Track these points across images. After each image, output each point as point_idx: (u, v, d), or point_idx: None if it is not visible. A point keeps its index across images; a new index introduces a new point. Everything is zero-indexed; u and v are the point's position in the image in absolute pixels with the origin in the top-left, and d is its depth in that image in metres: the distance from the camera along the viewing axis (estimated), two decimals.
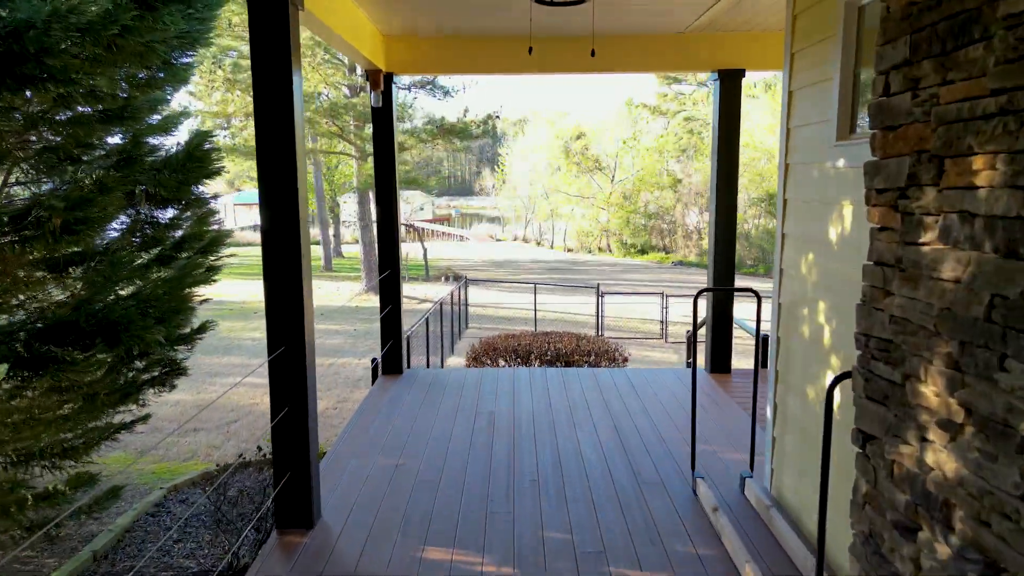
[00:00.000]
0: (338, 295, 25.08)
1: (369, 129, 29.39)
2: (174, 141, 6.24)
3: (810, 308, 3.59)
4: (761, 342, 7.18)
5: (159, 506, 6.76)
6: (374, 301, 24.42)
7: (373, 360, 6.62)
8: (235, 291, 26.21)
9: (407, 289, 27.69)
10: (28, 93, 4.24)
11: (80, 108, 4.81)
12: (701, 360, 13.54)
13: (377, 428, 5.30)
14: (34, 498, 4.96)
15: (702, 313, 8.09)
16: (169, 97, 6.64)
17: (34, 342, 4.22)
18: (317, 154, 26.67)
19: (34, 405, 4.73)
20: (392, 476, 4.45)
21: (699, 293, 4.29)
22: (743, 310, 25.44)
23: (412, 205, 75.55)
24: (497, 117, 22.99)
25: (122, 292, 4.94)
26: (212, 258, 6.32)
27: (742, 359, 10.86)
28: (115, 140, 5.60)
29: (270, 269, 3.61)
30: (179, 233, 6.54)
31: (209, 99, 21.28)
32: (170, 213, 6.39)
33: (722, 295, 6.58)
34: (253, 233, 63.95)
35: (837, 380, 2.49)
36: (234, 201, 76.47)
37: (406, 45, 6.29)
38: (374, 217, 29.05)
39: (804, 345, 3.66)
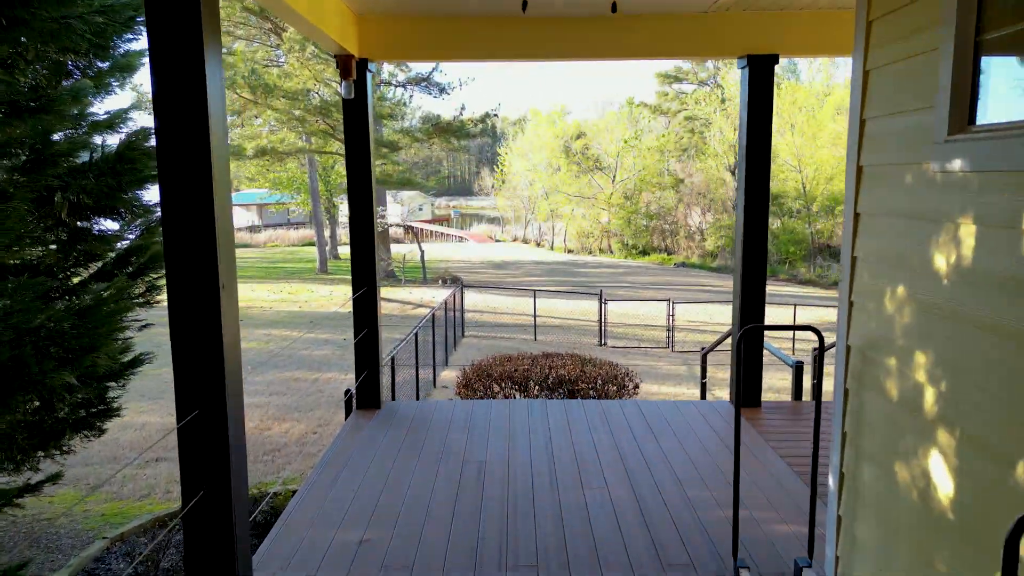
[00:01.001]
0: (330, 300, 24.18)
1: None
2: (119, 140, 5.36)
3: (900, 358, 2.70)
4: (796, 371, 6.30)
5: (99, 561, 5.85)
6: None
7: (347, 392, 5.71)
8: None
9: (403, 293, 26.79)
10: None
11: None
12: (721, 390, 12.70)
13: (342, 486, 4.40)
14: None
15: (727, 341, 7.19)
16: (117, 89, 5.74)
17: None
18: (309, 153, 25.77)
19: None
20: (353, 559, 3.55)
21: (743, 333, 3.37)
22: (772, 315, 24.53)
23: (410, 205, 74.89)
24: (495, 115, 22.11)
25: (26, 325, 4.04)
26: (155, 275, 5.41)
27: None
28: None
29: (176, 305, 2.72)
30: (123, 245, 5.64)
31: None
32: (112, 225, 5.50)
33: (751, 306, 5.68)
34: (249, 234, 63.15)
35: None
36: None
37: (383, 26, 5.39)
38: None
39: (889, 405, 2.77)
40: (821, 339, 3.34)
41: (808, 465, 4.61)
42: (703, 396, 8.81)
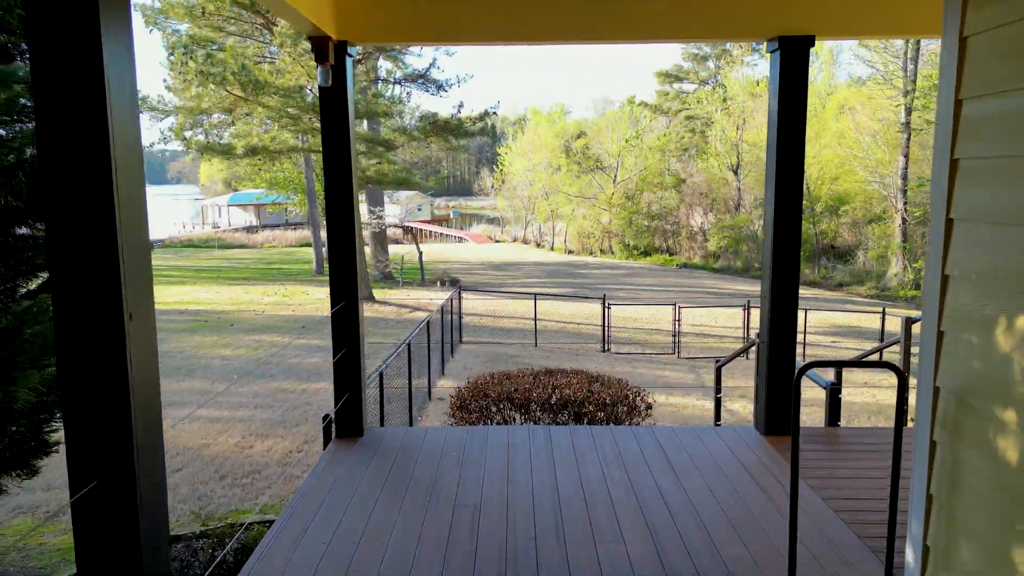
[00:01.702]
0: (325, 303, 23.51)
1: (363, 127, 27.85)
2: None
3: (1020, 411, 2.06)
4: (831, 394, 5.64)
5: None
6: (362, 310, 22.86)
7: (325, 417, 5.07)
8: (220, 297, 24.68)
9: (400, 295, 26.15)
10: None
11: None
12: (733, 402, 12.05)
13: (312, 538, 3.74)
14: None
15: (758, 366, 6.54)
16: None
17: None
18: (302, 152, 25.09)
19: None
20: None
21: (803, 371, 2.70)
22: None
23: (409, 206, 74.28)
24: (494, 113, 21.46)
25: None
26: None
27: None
28: None
29: (66, 342, 2.06)
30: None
31: (185, 93, 19.76)
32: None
33: (782, 317, 5.02)
34: (246, 235, 62.50)
35: None
36: (229, 201, 75.27)
37: (364, 4, 4.75)
38: (364, 219, 27.43)
39: (1003, 470, 2.13)
40: (903, 382, 2.67)
41: (857, 510, 3.97)
42: (717, 413, 8.17)
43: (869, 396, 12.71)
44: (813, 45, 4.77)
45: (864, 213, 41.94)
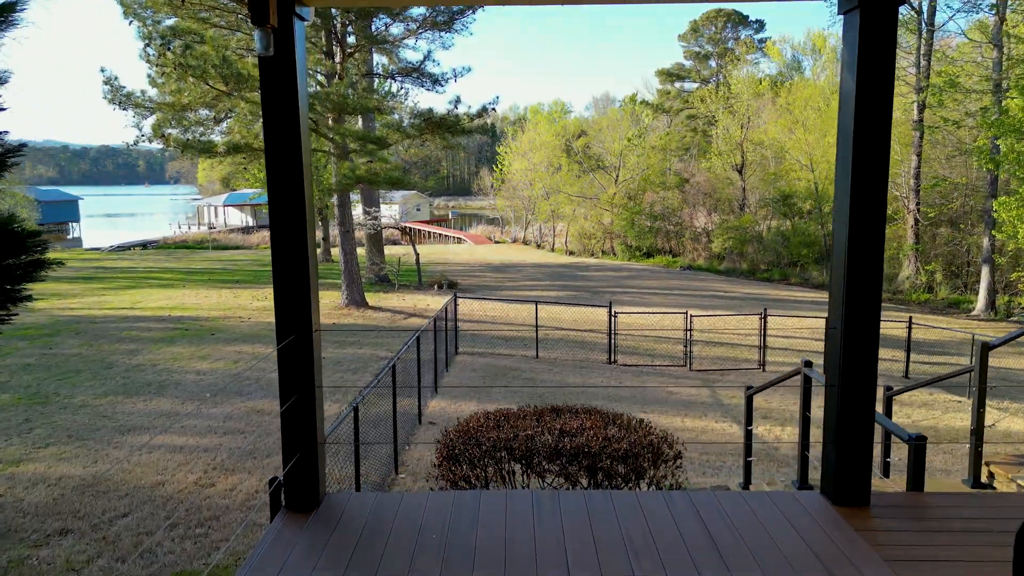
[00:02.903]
0: None
1: (358, 124, 26.75)
2: None
3: None
4: (915, 451, 4.53)
5: None
6: (354, 316, 21.75)
7: (272, 481, 3.96)
8: (207, 302, 23.55)
9: (395, 300, 25.01)
10: None
11: None
12: (761, 429, 10.83)
13: None
14: None
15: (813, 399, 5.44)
16: None
17: None
18: None
19: None
20: None
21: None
22: (796, 324, 22.78)
23: (407, 206, 73.17)
24: (493, 109, 20.32)
25: None
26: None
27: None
28: None
29: None
30: None
31: (165, 88, 18.64)
32: None
33: (859, 347, 3.91)
34: (241, 236, 61.41)
35: None
36: (224, 201, 74.16)
37: None
38: (358, 220, 26.35)
39: None
40: None
41: None
42: (748, 446, 7.07)
43: (919, 416, 11.61)
44: (903, 2, 3.68)
45: None
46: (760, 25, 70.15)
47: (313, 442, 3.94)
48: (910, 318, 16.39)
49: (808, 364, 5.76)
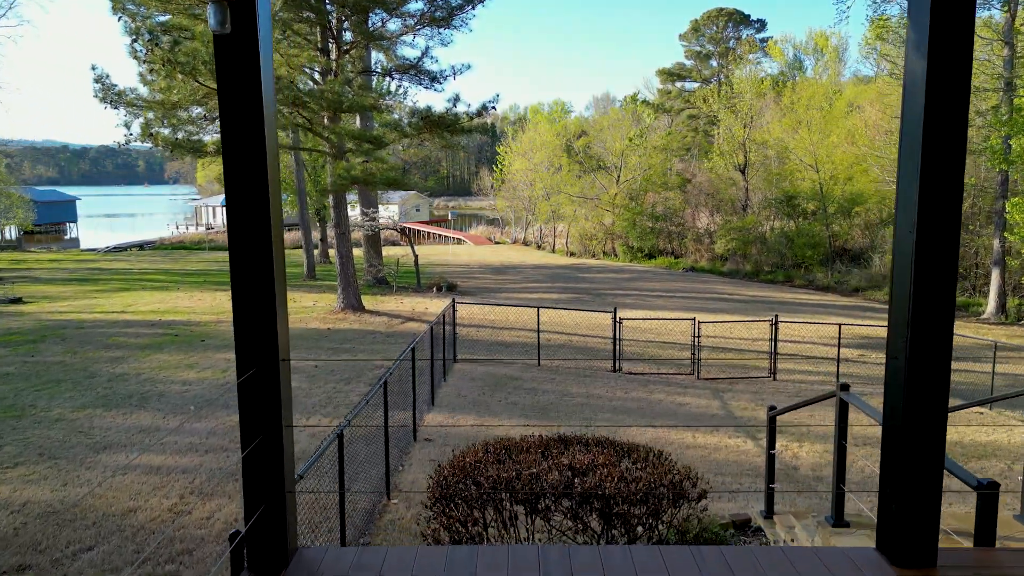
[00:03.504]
0: (311, 313, 21.85)
1: (356, 123, 26.14)
2: None
3: None
4: (985, 500, 3.92)
5: None
6: (350, 320, 21.13)
7: (234, 535, 3.36)
8: (201, 305, 22.96)
9: (393, 303, 24.41)
10: None
11: None
12: (786, 445, 10.15)
13: None
14: None
15: (849, 426, 4.84)
16: None
17: None
18: (283, 150, 23.37)
19: None
20: None
21: None
22: (800, 330, 21.99)
23: (406, 206, 72.59)
24: (493, 108, 19.73)
25: None
26: None
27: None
28: None
29: None
30: None
31: (155, 85, 18.05)
32: None
33: (928, 375, 3.31)
34: None
35: None
36: (222, 202, 73.68)
37: None
38: (356, 222, 25.73)
39: None
40: None
41: None
42: (770, 473, 6.47)
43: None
44: None
45: (878, 214, 40.19)
46: (761, 24, 69.64)
47: (280, 491, 3.34)
48: None
49: (845, 388, 5.17)
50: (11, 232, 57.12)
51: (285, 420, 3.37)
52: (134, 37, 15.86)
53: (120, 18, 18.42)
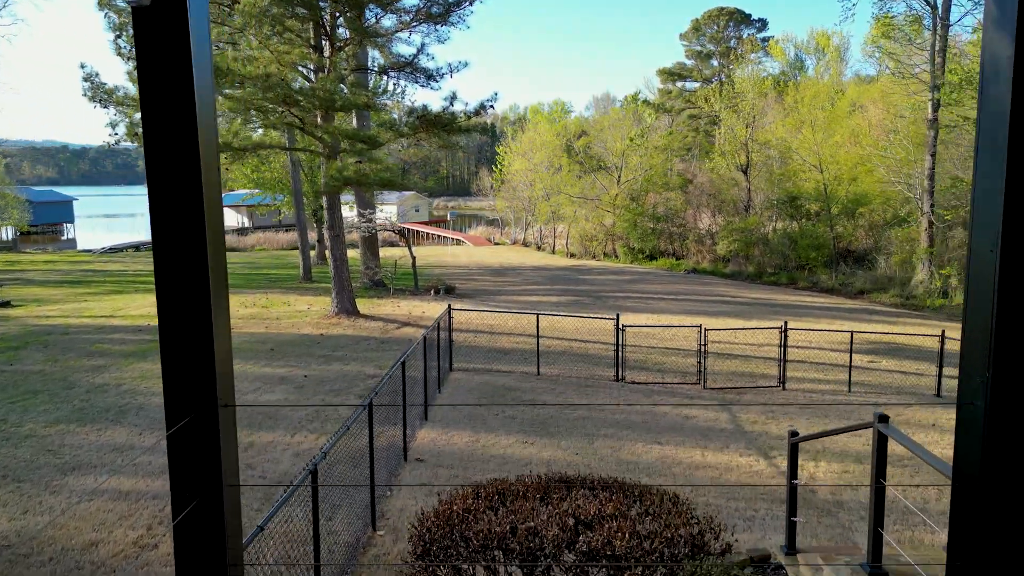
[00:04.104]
0: (305, 317, 21.25)
1: (352, 123, 25.56)
2: None
3: None
4: None
5: None
6: (344, 326, 20.54)
7: None
8: None
9: (389, 307, 23.83)
10: None
11: None
12: (808, 465, 9.44)
13: None
14: None
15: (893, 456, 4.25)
16: None
17: None
18: (270, 149, 22.80)
19: None
20: None
21: None
22: (812, 337, 21.38)
23: (405, 207, 72.00)
24: (491, 107, 19.14)
25: None
26: None
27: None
28: None
29: None
30: None
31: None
32: None
33: (1012, 421, 2.70)
34: (237, 237, 60.27)
35: None
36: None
37: None
38: (352, 222, 25.15)
39: None
40: None
41: None
42: (792, 506, 5.88)
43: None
44: None
45: (882, 215, 39.59)
46: (763, 24, 69.06)
47: (222, 568, 2.75)
48: (943, 331, 15.19)
49: (884, 419, 4.58)
50: (6, 233, 56.56)
51: (228, 479, 2.76)
52: (118, 33, 15.27)
53: (106, 14, 17.85)
